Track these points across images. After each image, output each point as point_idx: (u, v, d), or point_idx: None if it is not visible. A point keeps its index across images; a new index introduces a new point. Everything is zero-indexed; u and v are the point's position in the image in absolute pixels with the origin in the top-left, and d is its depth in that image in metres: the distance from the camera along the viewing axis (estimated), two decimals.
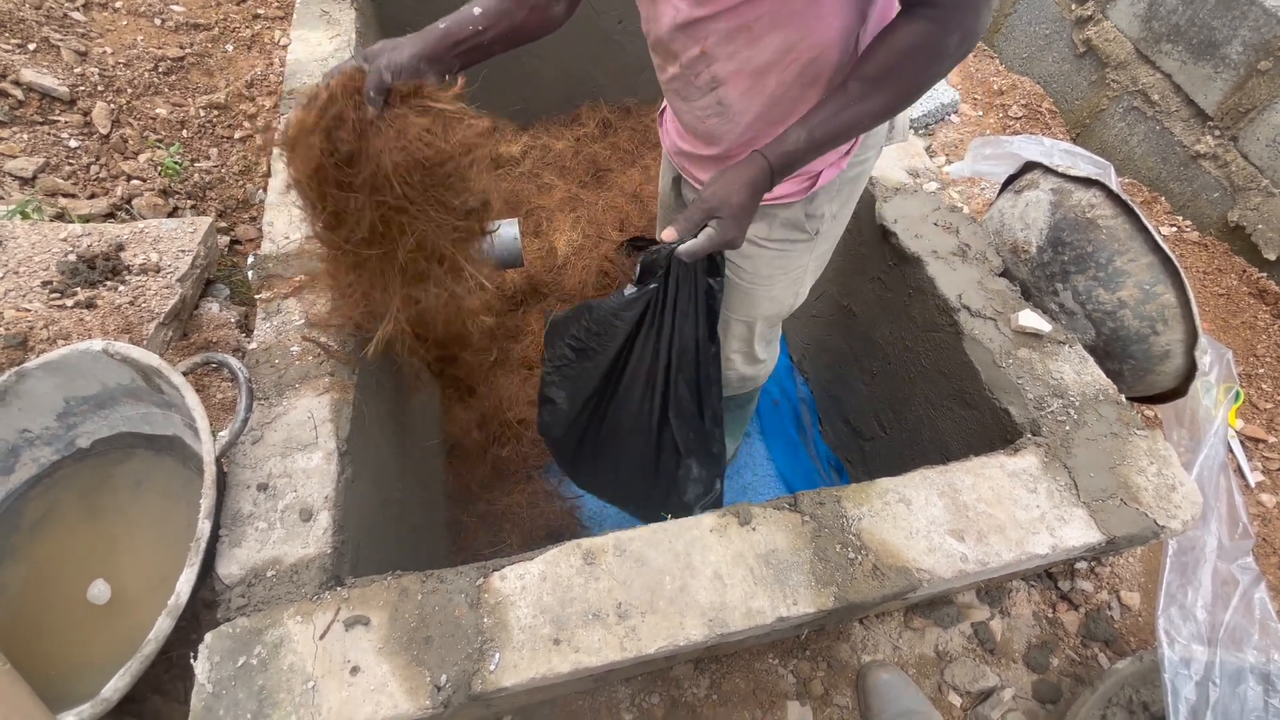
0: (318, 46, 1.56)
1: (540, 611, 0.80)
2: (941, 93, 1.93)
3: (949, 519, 0.89)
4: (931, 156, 1.86)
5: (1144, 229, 1.00)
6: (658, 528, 0.88)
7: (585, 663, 0.77)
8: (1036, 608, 1.16)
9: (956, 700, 1.09)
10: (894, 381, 1.37)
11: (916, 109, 1.91)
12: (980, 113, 1.93)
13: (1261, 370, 1.33)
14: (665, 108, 1.09)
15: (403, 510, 1.24)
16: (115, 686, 0.74)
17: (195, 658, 0.76)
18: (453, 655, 0.77)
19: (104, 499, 0.99)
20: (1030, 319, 1.07)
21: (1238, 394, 1.23)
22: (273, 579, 0.83)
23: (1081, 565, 1.18)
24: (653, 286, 0.95)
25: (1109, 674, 1.00)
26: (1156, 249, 1.00)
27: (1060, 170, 1.12)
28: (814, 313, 1.71)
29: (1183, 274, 0.98)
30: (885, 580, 0.84)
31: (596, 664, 0.77)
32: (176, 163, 1.58)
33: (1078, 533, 0.88)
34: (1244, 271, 1.37)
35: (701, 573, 0.84)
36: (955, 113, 1.94)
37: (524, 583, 0.82)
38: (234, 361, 0.89)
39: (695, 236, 0.83)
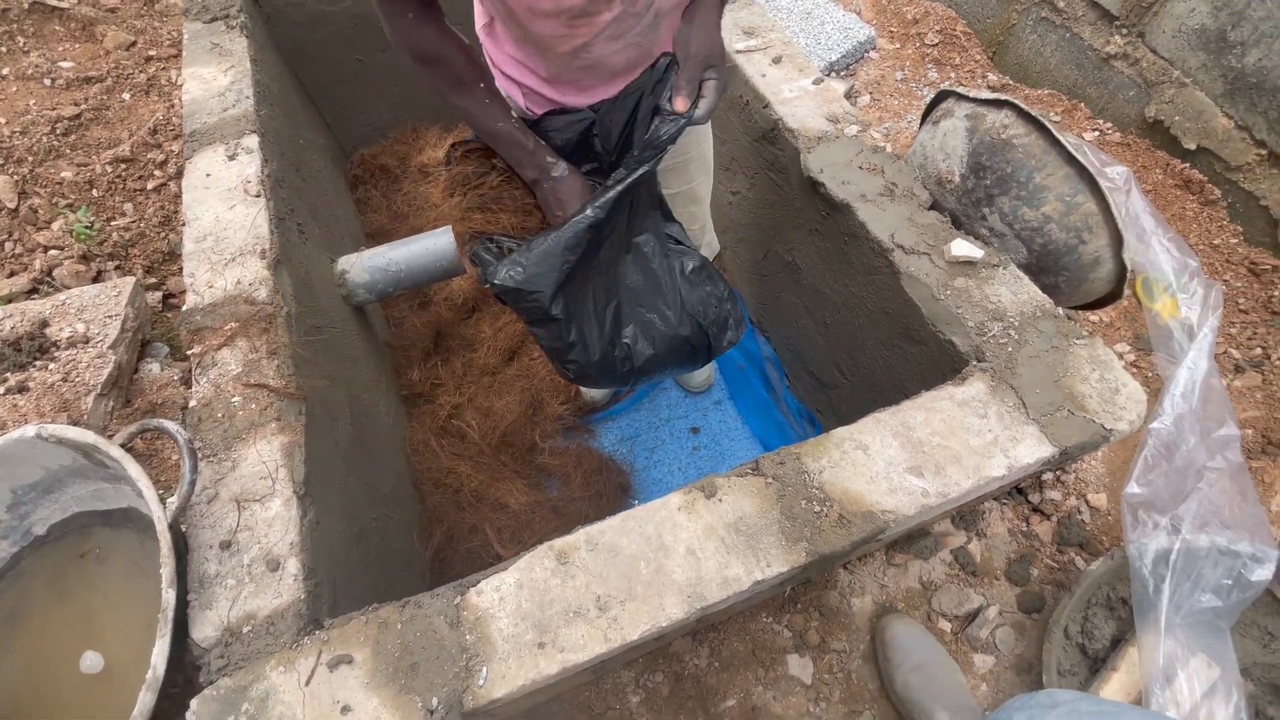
0: (213, 82, 1.50)
1: (521, 619, 0.81)
2: (856, 30, 1.91)
3: (906, 457, 0.91)
4: (855, 98, 1.85)
5: (1057, 142, 1.01)
6: (626, 516, 0.88)
7: (572, 660, 0.78)
8: (1010, 524, 1.20)
9: (946, 626, 1.13)
10: (846, 329, 1.39)
11: (834, 50, 1.90)
12: (898, 45, 1.92)
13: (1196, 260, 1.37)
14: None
15: (383, 538, 1.24)
16: None
17: None
18: (440, 677, 0.77)
19: (73, 581, 0.98)
20: (961, 248, 1.08)
21: (1173, 289, 1.26)
22: (250, 634, 0.83)
23: (1048, 476, 1.22)
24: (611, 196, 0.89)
25: (1084, 577, 1.04)
26: (1071, 160, 1.01)
27: (971, 95, 1.12)
28: (762, 271, 1.72)
29: (1099, 180, 1.00)
30: (852, 527, 0.86)
31: (583, 659, 0.78)
32: (87, 227, 1.52)
33: (1030, 450, 0.90)
34: (1167, 165, 1.39)
35: (675, 551, 0.85)
36: (873, 49, 1.93)
37: (501, 594, 0.83)
38: (170, 425, 0.87)
39: (698, 95, 0.84)
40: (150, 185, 1.76)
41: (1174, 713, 0.93)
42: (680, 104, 0.84)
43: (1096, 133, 1.52)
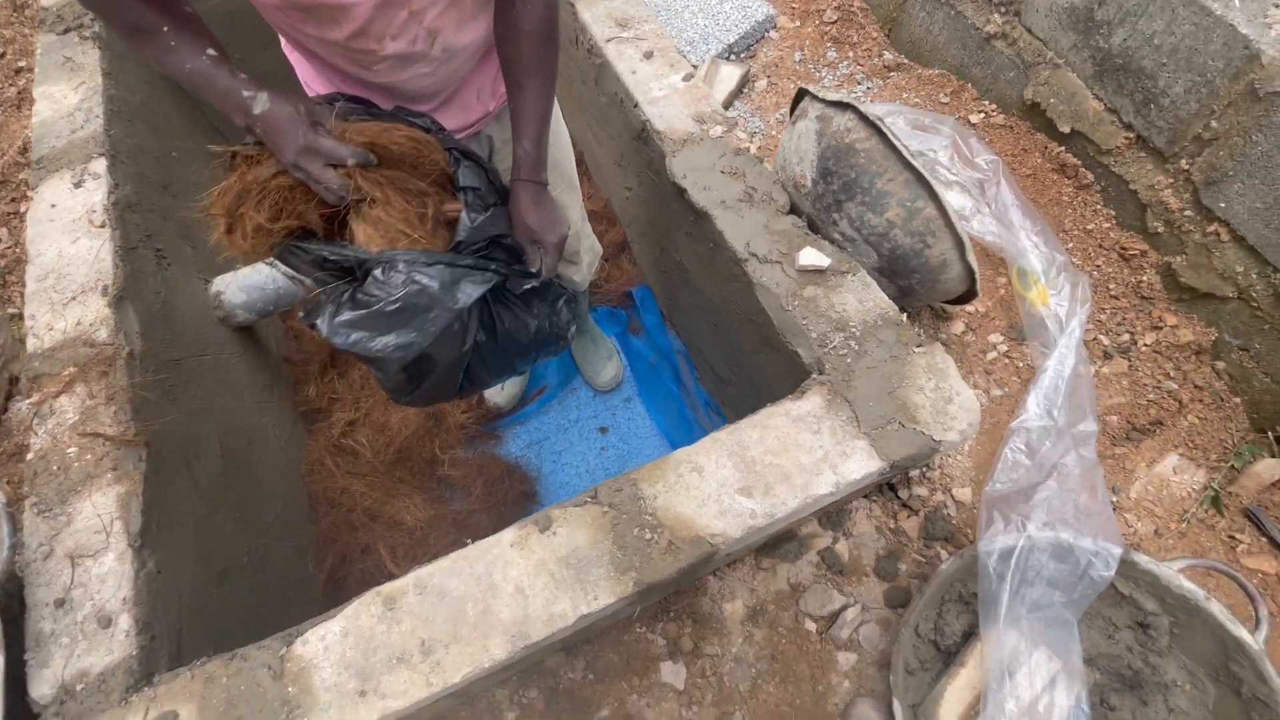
0: (63, 101, 1.43)
1: (344, 668, 0.81)
2: (755, 9, 1.86)
3: (738, 478, 0.91)
4: (753, 82, 1.81)
5: (895, 149, 1.00)
6: (458, 556, 0.89)
7: (393, 707, 0.79)
8: (879, 522, 1.22)
9: (812, 626, 1.16)
10: (727, 330, 1.38)
11: (732, 31, 1.84)
12: (797, 23, 1.86)
13: (1071, 244, 1.37)
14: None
15: (260, 570, 1.24)
16: None
17: None
18: None
19: None
20: (809, 257, 1.07)
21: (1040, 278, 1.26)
22: (83, 692, 0.83)
23: (915, 473, 1.24)
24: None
25: (935, 576, 1.06)
26: (909, 165, 1.00)
27: (821, 96, 1.10)
28: (663, 268, 1.70)
29: (934, 184, 0.99)
30: (680, 554, 0.87)
31: (404, 705, 0.79)
32: None
33: (859, 465, 0.91)
34: (1045, 148, 1.38)
35: (503, 590, 0.86)
36: (773, 28, 1.87)
37: (326, 643, 0.83)
38: None
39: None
40: (24, 208, 1.69)
41: (1012, 705, 0.97)
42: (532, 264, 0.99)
43: (982, 114, 1.49)
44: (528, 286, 0.98)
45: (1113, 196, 1.34)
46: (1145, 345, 1.28)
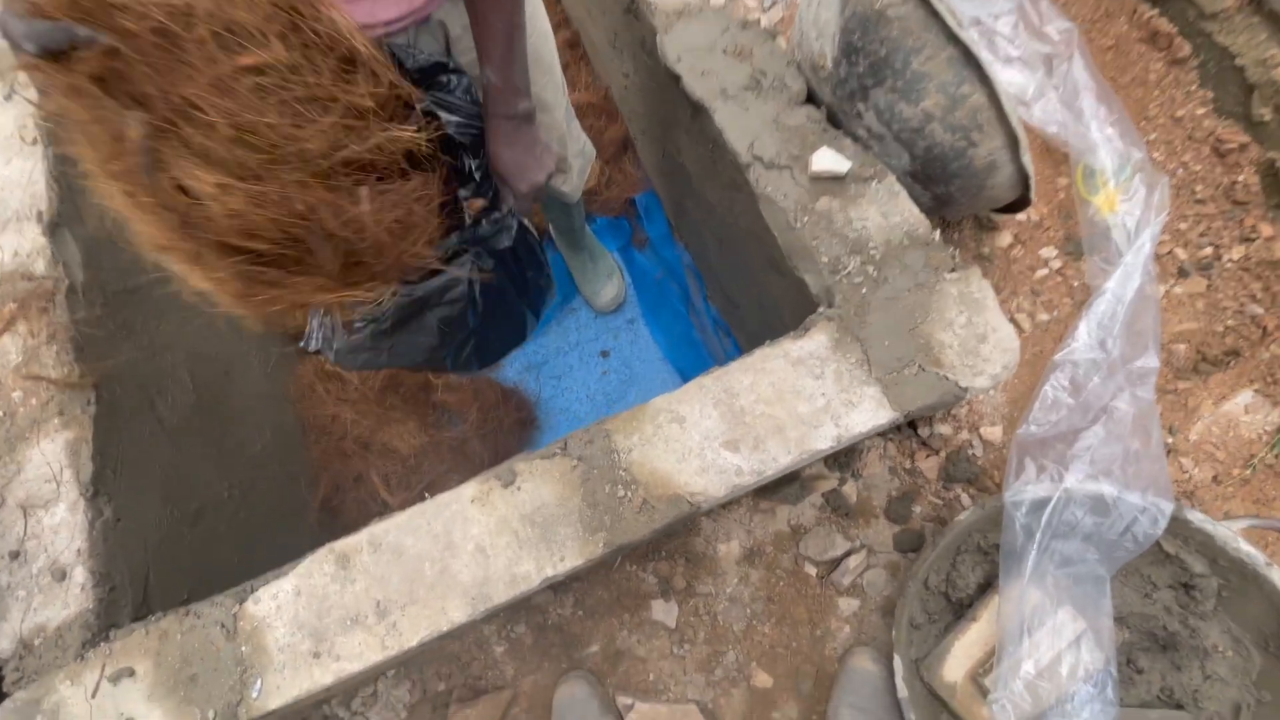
0: None
1: (298, 628, 0.77)
2: None
3: (724, 430, 0.80)
4: None
5: (937, 15, 0.78)
6: (414, 512, 0.81)
7: (348, 669, 0.75)
8: (893, 462, 1.10)
9: (812, 570, 1.08)
10: (733, 246, 1.21)
11: None
12: None
13: (1154, 135, 1.12)
14: None
15: (244, 505, 1.21)
16: None
17: None
18: (217, 689, 0.75)
19: None
20: (825, 160, 0.88)
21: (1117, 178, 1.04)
22: (40, 646, 0.81)
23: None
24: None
25: (950, 528, 0.96)
26: (954, 39, 0.78)
27: None
28: (667, 171, 1.50)
29: (986, 65, 0.77)
30: (655, 513, 0.78)
31: (359, 668, 0.75)
32: None
33: (865, 416, 0.78)
34: (1134, 11, 1.10)
35: (463, 549, 0.79)
36: None
37: (278, 602, 0.78)
38: None
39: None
40: None
41: (1030, 665, 0.89)
42: (475, 205, 0.80)
43: None
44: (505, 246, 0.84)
45: (1213, 74, 1.07)
46: (1231, 261, 1.07)
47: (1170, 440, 1.06)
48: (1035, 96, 1.03)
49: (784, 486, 1.08)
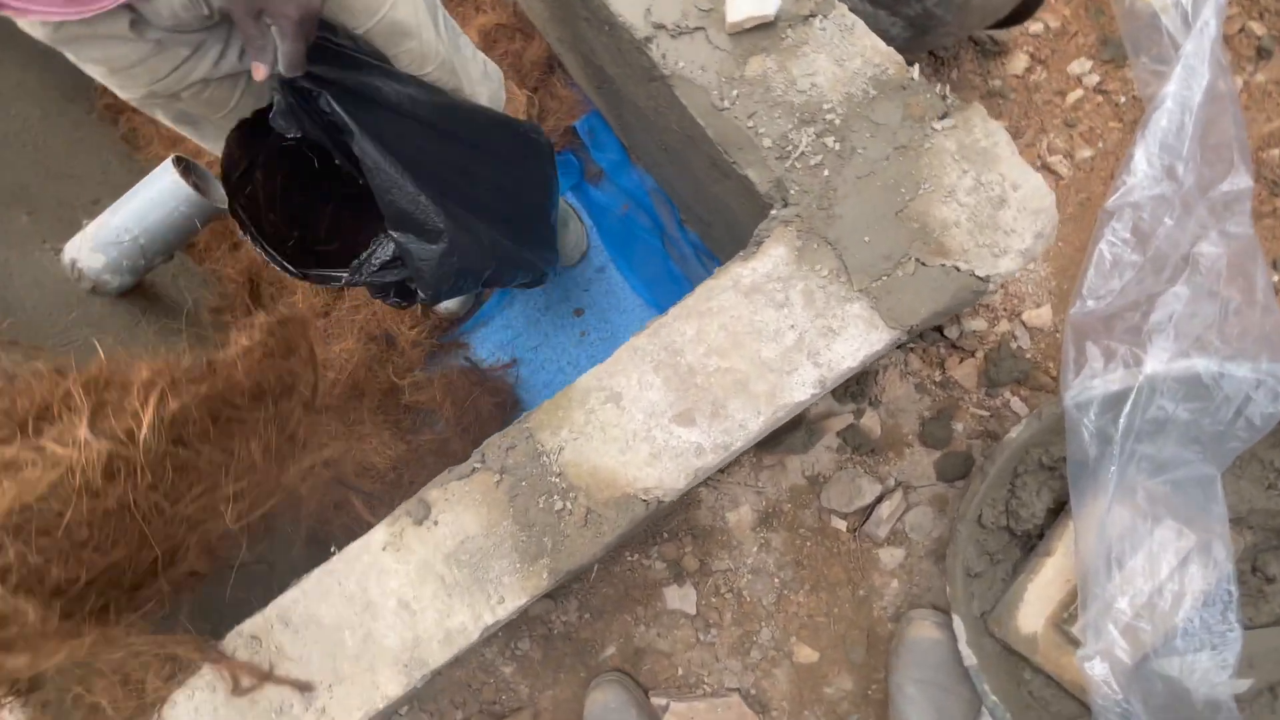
0: None
1: None
2: None
3: (672, 400, 0.61)
4: None
5: None
6: (322, 572, 0.66)
7: None
8: (918, 378, 0.89)
9: (841, 524, 0.90)
10: (677, 155, 0.98)
11: None
12: None
13: None
14: None
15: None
16: None
17: None
18: None
19: None
20: (743, 6, 0.64)
21: None
22: None
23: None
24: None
25: (999, 449, 0.75)
26: None
27: None
28: (597, 82, 1.26)
29: None
30: (602, 523, 0.61)
31: None
32: None
33: (854, 344, 0.58)
34: None
35: (384, 609, 0.64)
36: None
37: (195, 703, 0.66)
38: None
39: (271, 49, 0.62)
40: None
41: (1124, 604, 0.70)
42: (260, 73, 0.63)
43: None
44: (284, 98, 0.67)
45: None
46: None
47: (1277, 280, 0.81)
48: None
49: (787, 434, 0.88)
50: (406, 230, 0.71)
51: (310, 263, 0.77)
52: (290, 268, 0.74)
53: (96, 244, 1.23)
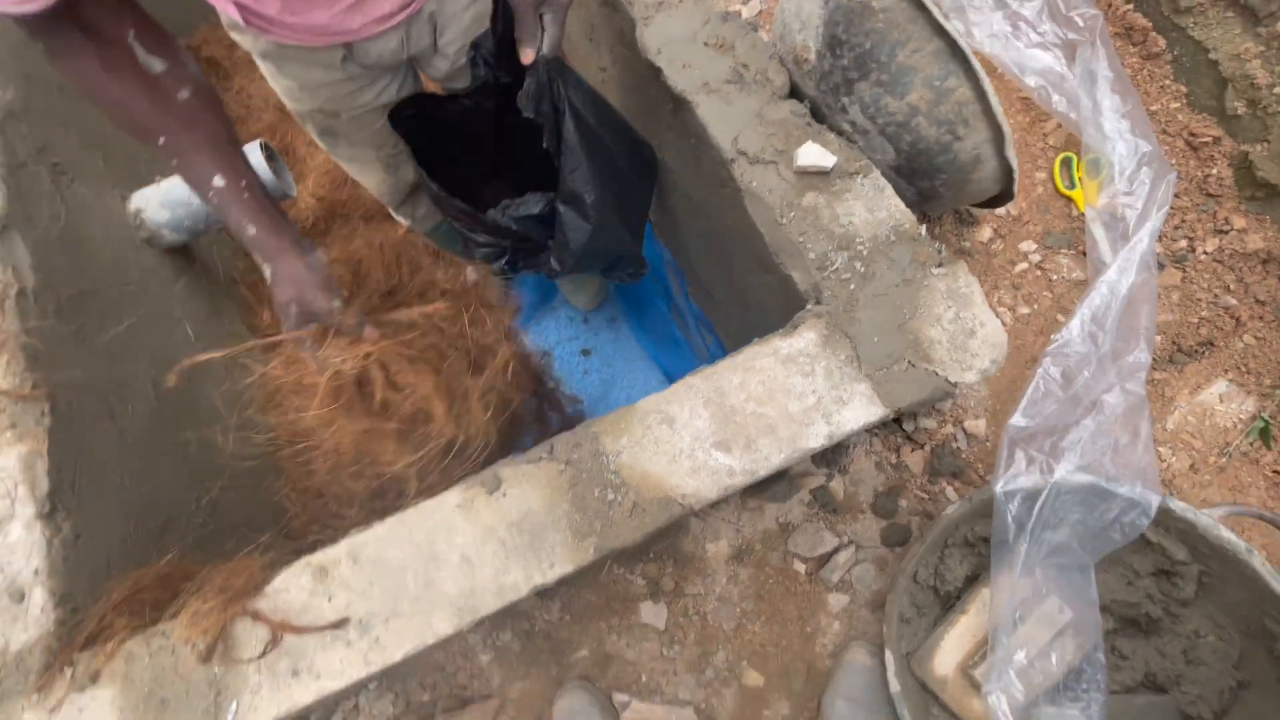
0: None
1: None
2: None
3: (715, 430, 0.78)
4: None
5: (923, 7, 0.77)
6: (397, 521, 0.78)
7: (329, 687, 0.72)
8: (879, 457, 1.10)
9: (801, 567, 1.08)
10: (718, 244, 1.20)
11: None
12: None
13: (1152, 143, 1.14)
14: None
15: (215, 513, 1.16)
16: None
17: None
18: (190, 714, 0.72)
19: None
20: (810, 155, 0.87)
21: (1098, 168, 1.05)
22: (2, 671, 0.77)
23: None
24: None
25: (937, 522, 0.96)
26: (940, 32, 0.77)
27: None
28: None
29: (971, 58, 0.77)
30: (645, 516, 0.76)
31: (341, 686, 0.72)
32: None
33: (857, 413, 0.78)
34: (1110, 6, 1.11)
35: (447, 560, 0.76)
36: None
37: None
38: None
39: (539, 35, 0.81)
40: None
41: (1021, 655, 0.89)
42: (527, 55, 0.81)
43: None
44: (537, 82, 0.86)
45: (1187, 69, 1.09)
46: (1205, 253, 1.09)
47: (1154, 429, 1.07)
48: (1057, 81, 1.02)
49: (772, 484, 1.07)
50: (570, 205, 0.88)
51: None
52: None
53: (165, 200, 1.32)
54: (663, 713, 1.04)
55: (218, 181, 0.71)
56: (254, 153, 1.31)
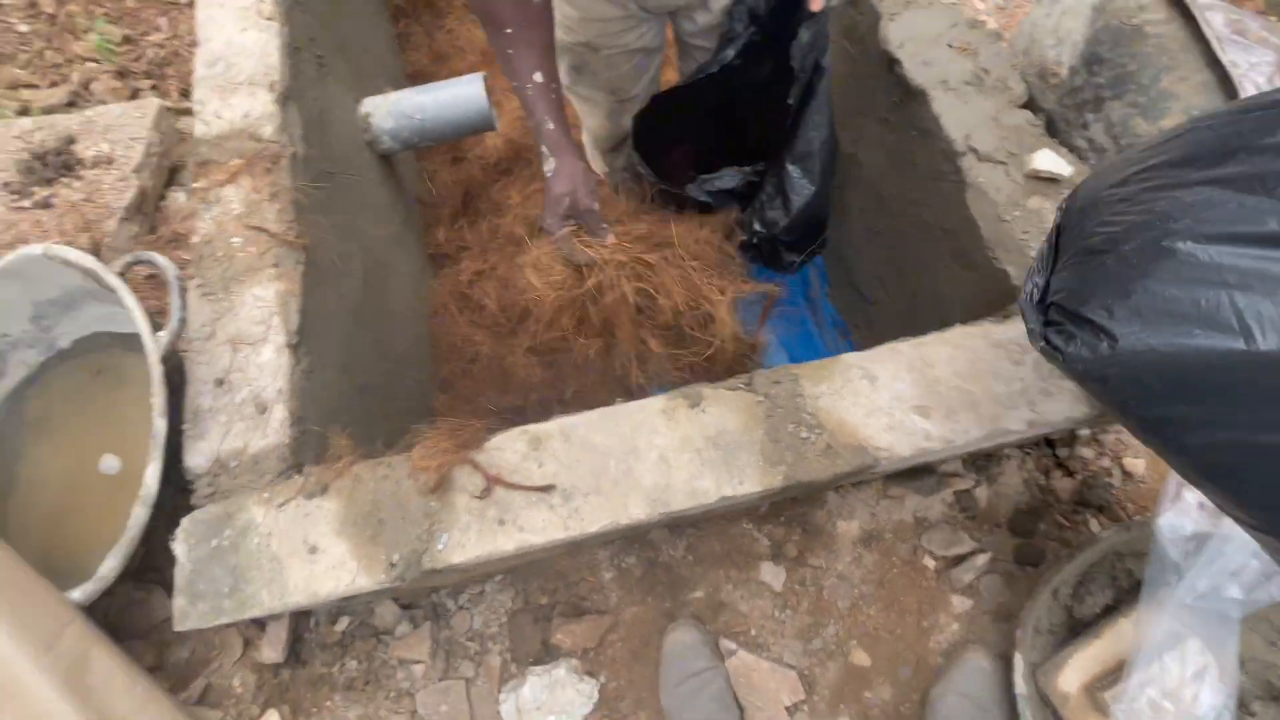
0: None
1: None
2: None
3: (916, 395, 0.82)
4: None
5: (1202, 37, 0.80)
6: (605, 413, 0.85)
7: (530, 541, 0.79)
8: (1029, 475, 1.11)
9: (931, 563, 1.10)
10: (898, 238, 1.24)
11: None
12: None
13: None
14: None
15: (390, 396, 1.27)
16: (109, 567, 0.81)
17: (174, 540, 0.82)
18: (404, 536, 0.80)
19: (95, 394, 1.05)
20: (1048, 160, 0.91)
21: None
22: (236, 469, 0.87)
23: (1084, 432, 1.11)
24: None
25: (1095, 540, 0.97)
26: (1214, 63, 0.80)
27: None
28: None
29: (1242, 94, 0.79)
30: (839, 459, 0.81)
31: (541, 542, 0.79)
32: (109, 42, 1.47)
33: (1062, 408, 0.80)
34: None
35: (646, 456, 0.83)
36: None
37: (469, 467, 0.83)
38: (160, 259, 0.87)
39: None
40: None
41: (1155, 690, 0.90)
42: (818, 4, 0.87)
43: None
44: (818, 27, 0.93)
45: None
46: None
47: None
48: None
49: (919, 476, 1.10)
50: (799, 164, 0.94)
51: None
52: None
53: (392, 110, 1.45)
54: (769, 668, 1.07)
55: (538, 77, 0.80)
56: (477, 83, 1.42)
